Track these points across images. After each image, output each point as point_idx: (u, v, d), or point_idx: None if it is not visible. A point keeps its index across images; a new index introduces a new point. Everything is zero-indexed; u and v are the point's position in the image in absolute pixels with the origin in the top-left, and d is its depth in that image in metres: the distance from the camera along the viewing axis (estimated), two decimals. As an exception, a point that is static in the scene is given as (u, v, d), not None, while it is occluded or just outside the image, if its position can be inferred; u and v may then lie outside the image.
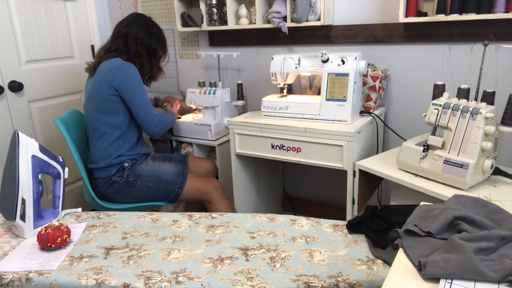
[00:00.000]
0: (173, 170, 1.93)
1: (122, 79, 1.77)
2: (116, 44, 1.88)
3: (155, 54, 1.95)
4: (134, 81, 1.80)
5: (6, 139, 2.19)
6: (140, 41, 1.88)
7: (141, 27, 1.89)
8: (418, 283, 0.75)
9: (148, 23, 1.94)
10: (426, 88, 1.96)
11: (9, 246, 1.31)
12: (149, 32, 1.91)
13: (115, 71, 1.77)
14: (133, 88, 1.80)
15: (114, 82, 1.77)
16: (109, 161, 1.84)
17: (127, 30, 1.88)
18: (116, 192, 1.87)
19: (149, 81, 2.02)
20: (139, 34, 1.88)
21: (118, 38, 1.89)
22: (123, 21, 1.92)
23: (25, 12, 2.24)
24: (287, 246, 1.26)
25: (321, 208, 2.45)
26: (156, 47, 1.94)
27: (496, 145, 1.38)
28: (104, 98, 1.79)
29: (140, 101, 1.82)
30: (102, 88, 1.79)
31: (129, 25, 1.89)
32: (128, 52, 1.87)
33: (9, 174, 1.35)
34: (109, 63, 1.80)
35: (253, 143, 1.89)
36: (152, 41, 1.92)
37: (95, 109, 1.84)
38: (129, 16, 1.94)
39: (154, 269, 1.15)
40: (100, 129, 1.84)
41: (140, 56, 1.89)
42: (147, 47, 1.91)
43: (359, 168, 1.63)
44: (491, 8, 1.62)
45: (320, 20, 1.97)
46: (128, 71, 1.79)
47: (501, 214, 0.90)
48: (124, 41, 1.87)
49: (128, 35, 1.87)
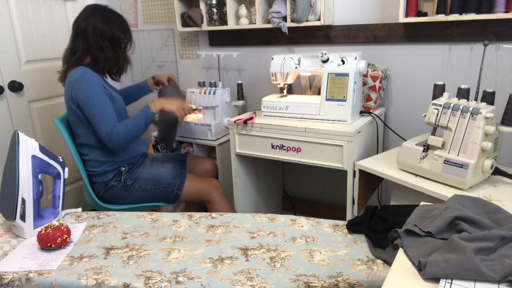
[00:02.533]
0: (171, 172, 1.91)
1: (79, 91, 1.70)
2: (77, 44, 1.77)
3: (119, 44, 1.82)
4: (87, 90, 1.70)
5: (6, 139, 2.19)
6: (100, 34, 1.75)
7: (98, 19, 1.75)
8: (418, 283, 0.75)
9: (105, 12, 1.80)
10: (426, 88, 1.96)
11: (9, 246, 1.31)
12: (108, 21, 1.77)
13: (74, 84, 1.70)
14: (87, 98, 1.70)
15: (75, 97, 1.71)
16: (105, 168, 1.83)
17: (85, 25, 1.75)
18: (115, 196, 1.86)
19: (118, 75, 1.90)
20: (98, 26, 1.74)
21: (77, 36, 1.77)
22: (79, 16, 1.79)
23: (25, 12, 2.24)
24: (287, 246, 1.26)
25: (321, 208, 2.45)
26: (119, 35, 1.80)
27: (496, 145, 1.38)
28: (75, 112, 1.75)
29: (92, 111, 1.70)
30: (69, 103, 1.75)
31: (86, 19, 1.76)
32: (90, 49, 1.76)
33: (9, 174, 1.35)
34: (71, 76, 1.73)
35: (253, 143, 1.89)
36: (114, 30, 1.78)
37: (73, 124, 1.81)
38: (83, 10, 1.81)
39: (154, 269, 1.15)
40: (86, 143, 1.81)
41: (103, 49, 1.77)
42: (109, 37, 1.77)
43: (359, 168, 1.63)
44: (491, 8, 1.62)
45: (320, 20, 1.97)
46: (84, 79, 1.70)
47: (501, 214, 0.90)
48: (84, 38, 1.75)
49: (86, 30, 1.74)
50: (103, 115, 1.70)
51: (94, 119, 1.71)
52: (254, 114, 1.96)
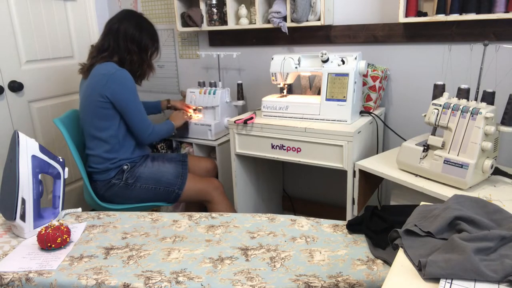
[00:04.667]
0: (172, 171, 1.92)
1: (116, 89, 1.74)
2: (107, 42, 1.84)
3: (146, 51, 1.90)
4: (129, 91, 1.78)
5: (6, 139, 2.19)
6: (131, 38, 1.84)
7: (131, 23, 1.85)
8: (418, 283, 0.75)
9: (139, 19, 1.89)
10: (426, 88, 1.96)
11: (9, 246, 1.31)
12: (140, 28, 1.87)
13: (107, 79, 1.74)
14: (127, 99, 1.78)
15: (106, 91, 1.74)
16: (107, 165, 1.84)
17: (117, 27, 1.83)
18: (116, 195, 1.87)
19: (140, 80, 1.97)
20: (130, 30, 1.83)
21: (108, 35, 1.84)
22: (114, 17, 1.88)
23: (25, 12, 2.24)
24: (287, 246, 1.26)
25: (321, 208, 2.45)
26: (147, 43, 1.89)
27: (496, 145, 1.38)
28: (97, 104, 1.77)
29: (134, 112, 1.81)
30: (94, 95, 1.76)
31: (120, 22, 1.84)
32: (119, 50, 1.83)
33: (9, 174, 1.35)
34: (102, 68, 1.77)
35: (253, 143, 1.89)
36: (143, 37, 1.87)
37: (89, 115, 1.82)
38: (119, 13, 1.89)
39: (154, 269, 1.15)
40: (96, 135, 1.82)
41: (130, 52, 1.84)
42: (138, 43, 1.86)
43: (359, 168, 1.63)
44: (491, 8, 1.62)
45: (320, 20, 1.97)
46: (122, 79, 1.76)
47: (501, 214, 0.90)
48: (115, 38, 1.83)
49: (118, 31, 1.83)
50: (145, 115, 1.88)
51: (137, 118, 1.83)
52: (254, 114, 1.96)
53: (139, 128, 1.85)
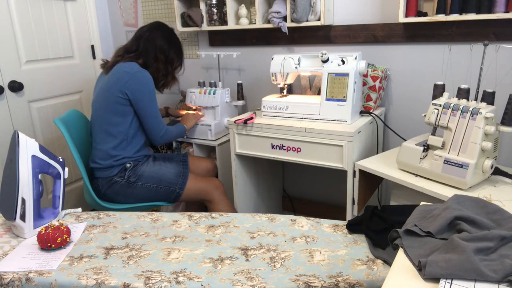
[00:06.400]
0: (173, 171, 1.93)
1: (136, 88, 1.78)
2: (136, 46, 1.90)
3: (171, 64, 1.97)
4: (148, 92, 1.82)
5: (6, 139, 2.19)
6: (160, 47, 1.90)
7: (163, 35, 1.93)
8: (418, 283, 0.75)
9: (170, 32, 1.97)
10: (426, 88, 1.96)
11: (9, 246, 1.31)
12: (169, 41, 1.94)
13: (130, 77, 1.77)
14: (146, 99, 1.81)
15: (127, 88, 1.77)
16: (111, 162, 1.84)
17: (148, 35, 1.90)
18: (117, 193, 1.87)
19: (162, 88, 2.02)
20: (160, 41, 1.90)
21: (139, 40, 1.91)
22: (147, 25, 1.96)
23: (25, 12, 2.24)
24: (287, 246, 1.26)
25: (321, 208, 2.45)
26: (173, 57, 1.96)
27: (496, 145, 1.38)
28: (114, 99, 1.79)
29: (150, 113, 1.85)
30: (113, 90, 1.79)
31: (151, 31, 1.92)
32: (147, 55, 1.88)
33: (9, 174, 1.35)
34: (125, 66, 1.80)
35: (253, 143, 1.89)
36: (171, 50, 1.94)
37: (103, 109, 1.83)
38: (152, 22, 1.98)
39: (154, 269, 1.15)
40: (107, 130, 1.84)
41: (158, 60, 1.90)
42: (166, 54, 1.93)
43: (359, 168, 1.63)
44: (491, 8, 1.62)
45: (320, 20, 1.97)
46: (144, 80, 1.80)
47: (501, 214, 0.90)
48: (145, 44, 1.89)
49: (149, 38, 1.90)
50: (160, 117, 1.91)
51: (152, 118, 1.87)
52: (254, 114, 1.96)
53: (152, 128, 1.88)
